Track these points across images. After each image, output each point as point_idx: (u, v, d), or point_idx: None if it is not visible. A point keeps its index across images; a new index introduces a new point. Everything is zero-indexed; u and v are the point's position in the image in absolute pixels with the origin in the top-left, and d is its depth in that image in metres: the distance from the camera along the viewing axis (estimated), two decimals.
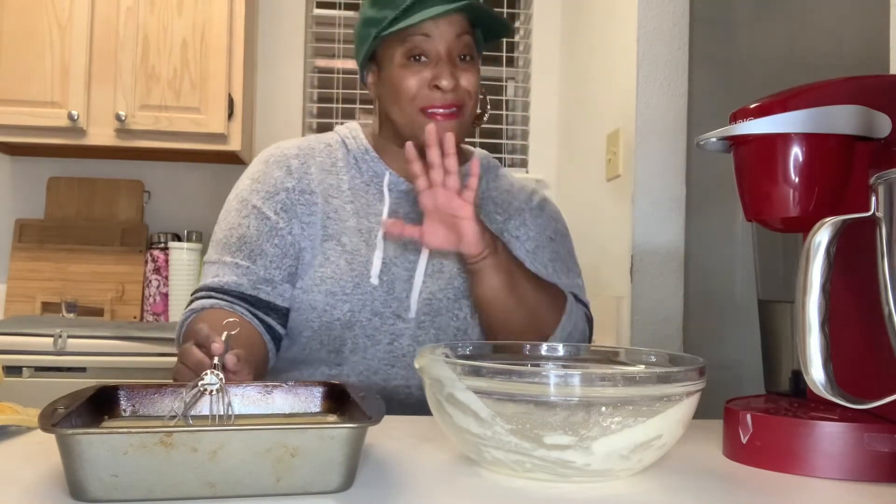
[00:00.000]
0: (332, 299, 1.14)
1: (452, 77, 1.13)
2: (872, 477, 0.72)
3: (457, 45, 1.15)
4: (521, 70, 3.02)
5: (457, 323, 1.16)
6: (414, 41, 1.14)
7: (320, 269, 1.15)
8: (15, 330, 2.11)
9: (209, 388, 0.75)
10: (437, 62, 1.14)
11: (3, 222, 2.71)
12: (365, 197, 1.21)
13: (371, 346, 1.14)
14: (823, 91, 0.78)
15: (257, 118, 2.81)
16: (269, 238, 1.16)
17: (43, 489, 0.63)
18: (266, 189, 1.19)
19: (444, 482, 0.69)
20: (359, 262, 1.15)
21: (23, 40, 2.37)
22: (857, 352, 0.77)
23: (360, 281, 1.14)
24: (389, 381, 1.15)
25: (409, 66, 1.14)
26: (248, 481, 0.61)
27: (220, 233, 1.19)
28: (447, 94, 1.13)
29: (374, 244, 1.16)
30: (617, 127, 2.18)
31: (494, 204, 1.27)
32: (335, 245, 1.17)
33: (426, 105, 1.14)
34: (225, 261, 1.16)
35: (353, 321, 1.14)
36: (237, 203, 1.20)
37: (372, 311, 1.14)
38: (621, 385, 0.66)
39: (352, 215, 1.19)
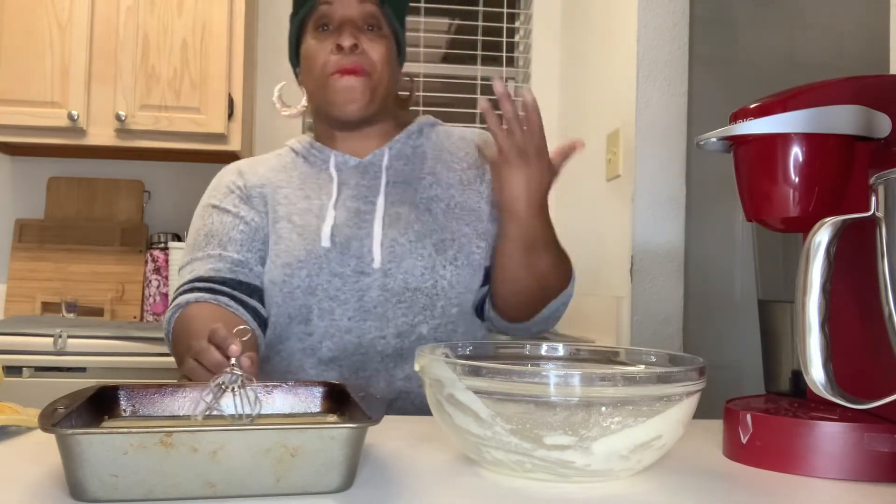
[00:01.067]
0: (288, 269, 1.16)
1: (352, 37, 1.18)
2: (872, 477, 0.72)
3: (360, 12, 1.21)
4: (521, 70, 3.02)
5: (423, 262, 1.17)
6: (320, 11, 1.21)
7: (274, 248, 1.19)
8: (15, 330, 2.11)
9: (233, 384, 0.76)
10: (340, 26, 1.20)
11: (3, 222, 2.71)
12: (315, 182, 1.25)
13: (338, 308, 1.16)
14: (823, 91, 0.78)
15: (257, 118, 2.81)
16: (234, 226, 1.21)
17: (43, 489, 0.63)
18: (221, 192, 1.26)
19: (444, 482, 0.69)
20: (309, 232, 1.19)
21: (23, 40, 2.37)
22: (857, 352, 0.77)
23: (312, 247, 1.17)
24: (364, 336, 1.16)
25: (316, 35, 1.22)
26: (248, 481, 0.61)
27: (189, 239, 1.26)
28: (350, 57, 1.19)
29: (325, 215, 1.20)
30: (617, 127, 2.18)
31: (450, 153, 1.29)
32: (286, 224, 1.20)
33: (331, 70, 1.20)
34: (197, 257, 1.21)
35: (313, 286, 1.16)
36: (199, 211, 1.27)
37: (330, 272, 1.16)
38: (621, 385, 0.66)
39: (301, 199, 1.23)
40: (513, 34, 3.02)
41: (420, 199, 1.23)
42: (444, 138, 1.32)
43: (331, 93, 1.21)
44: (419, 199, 1.23)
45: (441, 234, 1.20)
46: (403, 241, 1.18)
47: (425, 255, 1.18)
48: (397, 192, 1.23)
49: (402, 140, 1.28)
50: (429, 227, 1.20)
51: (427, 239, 1.19)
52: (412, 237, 1.19)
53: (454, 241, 1.20)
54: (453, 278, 1.19)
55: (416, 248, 1.18)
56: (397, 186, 1.24)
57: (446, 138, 1.32)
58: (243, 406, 0.76)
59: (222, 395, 0.77)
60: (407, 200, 1.23)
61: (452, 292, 1.19)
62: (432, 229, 1.20)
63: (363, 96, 1.20)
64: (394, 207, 1.21)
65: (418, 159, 1.28)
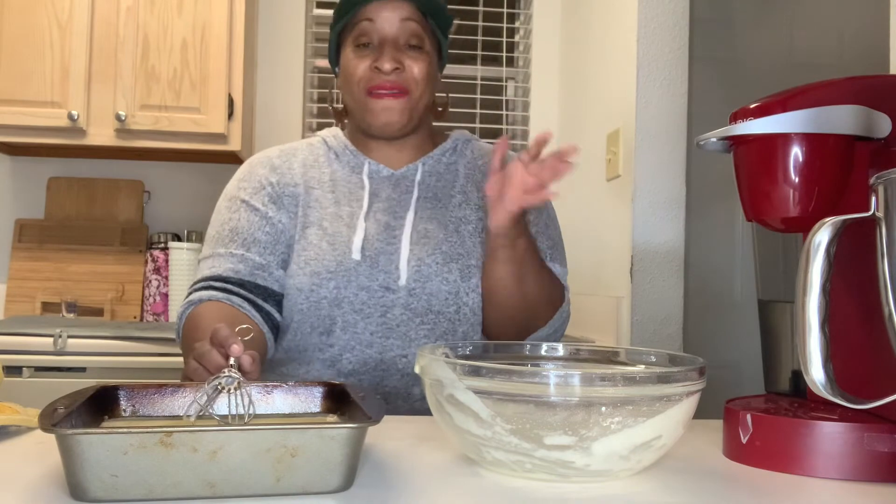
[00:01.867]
0: (316, 279, 1.15)
1: (393, 59, 1.17)
2: (872, 477, 0.72)
3: (402, 31, 1.19)
4: (521, 70, 3.02)
5: (447, 286, 1.17)
6: (361, 27, 1.20)
7: (303, 253, 1.18)
8: (15, 330, 2.11)
9: (228, 386, 0.76)
10: (381, 45, 1.19)
11: (3, 222, 2.71)
12: (346, 186, 1.24)
13: (361, 321, 1.15)
14: (823, 91, 0.78)
15: (257, 118, 2.81)
16: (261, 227, 1.20)
17: (43, 489, 0.63)
18: (252, 185, 1.24)
19: (445, 482, 0.69)
20: (340, 241, 1.18)
21: (23, 40, 2.37)
22: (857, 352, 0.77)
23: (342, 259, 1.16)
24: (385, 353, 1.15)
25: (356, 52, 1.21)
26: (248, 481, 0.61)
27: (212, 230, 1.24)
28: (389, 76, 1.18)
29: (355, 226, 1.19)
30: (617, 127, 2.18)
31: (482, 174, 1.28)
32: (316, 230, 1.19)
33: (370, 86, 1.19)
34: (219, 252, 1.19)
35: (339, 298, 1.15)
36: (226, 202, 1.25)
37: (358, 285, 1.16)
38: (621, 385, 0.66)
39: (332, 203, 1.22)
40: (513, 34, 3.02)
41: (450, 218, 1.22)
42: (477, 156, 1.31)
43: (369, 113, 1.20)
44: (448, 219, 1.22)
45: (468, 260, 1.19)
46: (430, 262, 1.18)
47: (451, 280, 1.17)
48: (427, 208, 1.23)
49: (436, 157, 1.28)
50: (456, 249, 1.20)
51: (454, 263, 1.18)
52: (439, 259, 1.18)
53: (478, 268, 1.20)
54: (476, 305, 1.19)
55: (443, 271, 1.18)
56: (427, 202, 1.24)
57: (480, 156, 1.32)
58: (237, 407, 0.76)
59: (217, 397, 0.77)
60: (436, 217, 1.22)
61: (475, 319, 1.19)
62: (459, 253, 1.19)
63: (402, 117, 1.20)
64: (423, 223, 1.21)
65: (450, 176, 1.27)
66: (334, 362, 1.15)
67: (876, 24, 1.30)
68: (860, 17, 1.46)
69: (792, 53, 1.76)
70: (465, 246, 1.20)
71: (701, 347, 1.98)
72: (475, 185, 1.27)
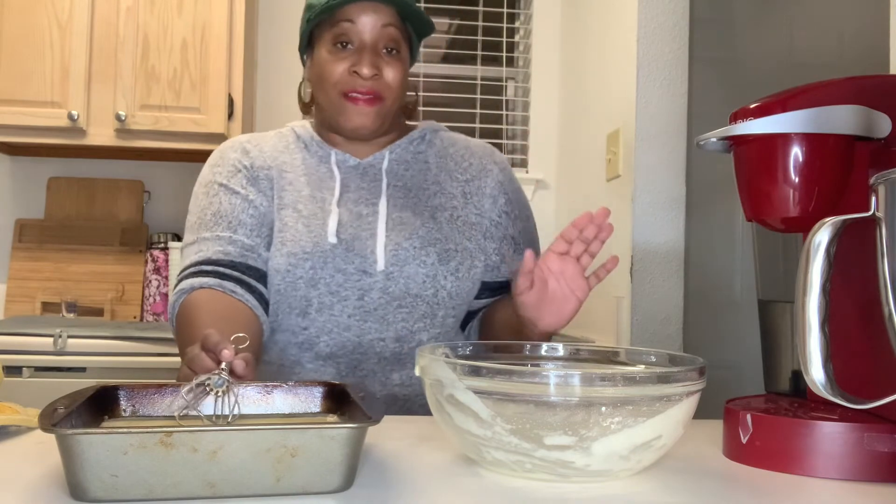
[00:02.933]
0: (293, 259, 1.15)
1: (373, 66, 1.17)
2: (872, 477, 0.72)
3: (382, 36, 1.18)
4: (521, 70, 3.02)
5: (425, 269, 1.17)
6: (341, 27, 1.18)
7: (279, 235, 1.18)
8: (15, 330, 2.11)
9: (217, 388, 0.75)
10: (361, 50, 1.18)
11: (3, 222, 2.71)
12: (317, 173, 1.24)
13: (338, 303, 1.15)
14: (823, 91, 0.78)
15: (257, 118, 2.81)
16: (244, 209, 1.20)
17: (43, 489, 0.63)
18: (227, 169, 1.24)
19: (444, 482, 0.69)
20: (316, 224, 1.18)
21: (23, 40, 2.37)
22: (857, 352, 0.77)
23: (318, 240, 1.16)
24: (363, 336, 1.15)
25: (334, 52, 1.19)
26: (248, 481, 0.61)
27: (192, 217, 1.23)
28: (367, 82, 1.17)
29: (329, 210, 1.19)
30: (617, 127, 2.18)
31: (455, 162, 1.29)
32: (291, 212, 1.19)
33: (346, 89, 1.18)
34: (205, 237, 1.18)
35: (315, 278, 1.15)
36: (203, 188, 1.25)
37: (334, 267, 1.15)
38: (621, 385, 0.66)
39: (305, 185, 1.22)
40: (513, 34, 3.02)
41: (425, 207, 1.22)
42: (448, 146, 1.31)
43: (342, 116, 1.20)
44: (424, 207, 1.22)
45: (445, 244, 1.20)
46: (407, 245, 1.18)
47: (428, 263, 1.17)
48: (400, 197, 1.22)
49: (403, 145, 1.27)
50: (433, 234, 1.20)
51: (431, 247, 1.19)
52: (416, 243, 1.18)
53: (457, 252, 1.20)
54: (454, 289, 1.19)
55: (420, 254, 1.18)
56: (399, 191, 1.23)
57: (451, 145, 1.31)
58: (222, 408, 0.76)
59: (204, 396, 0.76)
60: (410, 206, 1.22)
61: (451, 303, 1.19)
62: (437, 238, 1.20)
63: (374, 122, 1.20)
64: (397, 212, 1.21)
65: (421, 166, 1.27)
66: (312, 345, 1.16)
67: (876, 24, 1.30)
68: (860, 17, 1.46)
69: (792, 53, 1.76)
70: (443, 231, 1.21)
71: (701, 347, 1.98)
72: (448, 173, 1.27)
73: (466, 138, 1.35)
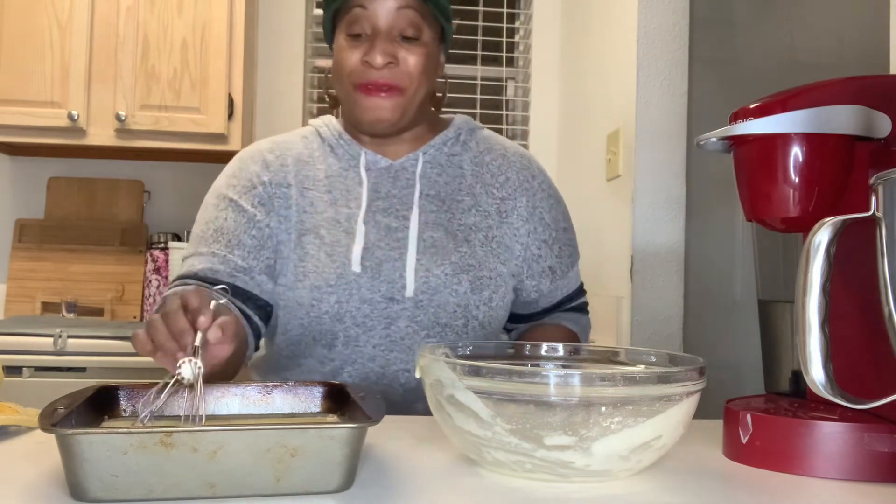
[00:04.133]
0: (317, 293, 1.10)
1: (385, 53, 1.09)
2: (872, 477, 0.72)
3: (397, 21, 1.10)
4: (521, 70, 3.02)
5: (456, 299, 1.11)
6: (353, 13, 1.11)
7: (301, 265, 1.12)
8: (15, 330, 2.11)
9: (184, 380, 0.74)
10: (374, 37, 1.10)
11: (3, 222, 2.71)
12: (344, 183, 1.17)
13: (364, 334, 1.11)
14: (823, 91, 0.78)
15: (257, 118, 2.81)
16: (247, 230, 1.14)
17: (43, 489, 0.63)
18: (242, 184, 1.17)
19: (444, 482, 0.69)
20: (339, 252, 1.11)
21: (23, 40, 2.37)
22: (857, 352, 0.77)
23: (342, 271, 1.10)
24: (388, 367, 1.11)
25: (348, 41, 1.12)
26: (248, 481, 0.61)
27: (197, 228, 1.18)
28: (381, 72, 1.09)
29: (354, 231, 1.12)
30: (617, 127, 2.18)
31: (491, 174, 1.21)
32: (313, 238, 1.13)
33: (360, 81, 1.11)
34: (201, 251, 1.14)
35: (341, 312, 1.10)
36: (214, 199, 1.18)
37: (360, 298, 1.10)
38: (621, 385, 0.66)
39: (328, 206, 1.15)
40: (513, 34, 3.02)
41: (458, 226, 1.15)
42: (484, 151, 1.23)
43: (357, 109, 1.13)
44: (457, 227, 1.15)
45: (479, 271, 1.13)
46: (439, 272, 1.11)
47: (460, 293, 1.12)
48: (432, 209, 1.16)
49: (437, 146, 1.20)
50: (466, 260, 1.13)
51: (464, 274, 1.12)
52: (448, 270, 1.12)
53: (491, 279, 1.14)
54: (485, 319, 1.14)
55: (452, 282, 1.11)
56: (432, 202, 1.16)
57: (487, 151, 1.23)
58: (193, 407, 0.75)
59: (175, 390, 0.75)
60: (443, 223, 1.15)
61: (482, 332, 1.14)
62: (470, 264, 1.13)
63: (393, 115, 1.12)
64: (429, 231, 1.14)
65: (455, 172, 1.20)
66: (335, 375, 1.12)
67: (876, 24, 1.30)
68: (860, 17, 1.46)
69: (792, 53, 1.76)
70: (477, 256, 1.14)
71: (701, 347, 1.98)
72: (484, 186, 1.20)
73: (503, 143, 1.27)
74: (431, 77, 1.16)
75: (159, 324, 0.80)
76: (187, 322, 0.79)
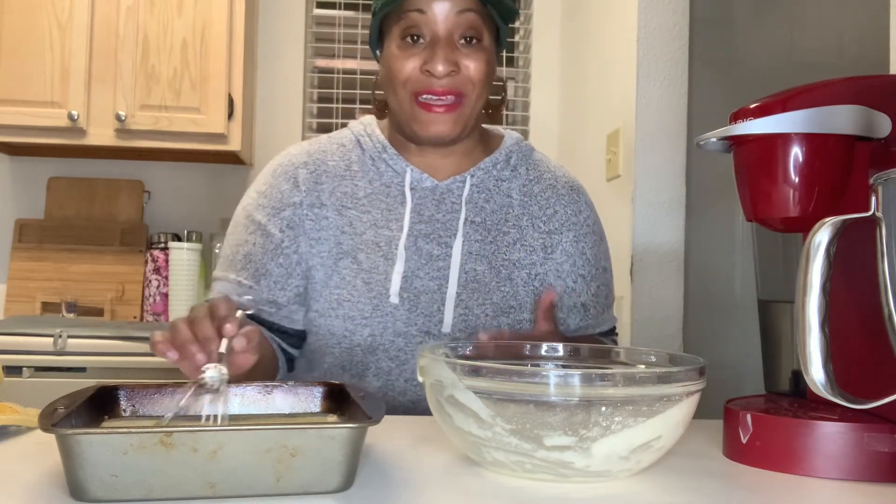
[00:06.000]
0: (350, 324, 1.06)
1: (447, 61, 1.03)
2: (872, 477, 0.72)
3: (458, 24, 1.04)
4: (521, 70, 3.02)
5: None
6: (409, 18, 1.04)
7: (336, 291, 1.08)
8: (15, 330, 2.11)
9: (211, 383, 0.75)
10: (433, 44, 1.04)
11: (3, 222, 2.71)
12: (385, 201, 1.12)
13: (396, 368, 1.07)
14: (823, 91, 0.78)
15: (257, 118, 2.81)
16: (274, 257, 1.10)
17: (43, 489, 0.63)
18: (272, 205, 1.12)
19: (445, 482, 0.69)
20: (377, 280, 1.07)
21: (23, 40, 2.37)
22: (857, 352, 0.77)
23: (378, 302, 1.06)
24: (419, 403, 1.08)
25: (403, 47, 1.06)
26: (248, 481, 0.61)
27: (228, 248, 1.14)
28: (442, 80, 1.04)
29: (394, 256, 1.08)
30: (617, 127, 2.18)
31: (539, 207, 1.17)
32: (350, 263, 1.09)
33: (419, 90, 1.05)
34: (229, 278, 1.11)
35: (374, 345, 1.07)
36: (244, 218, 1.14)
37: (395, 332, 1.07)
38: (621, 385, 0.66)
39: (369, 227, 1.10)
40: (513, 34, 3.02)
41: (502, 260, 1.11)
42: (534, 180, 1.18)
43: (416, 123, 1.07)
44: (501, 262, 1.11)
45: (518, 314, 1.10)
46: (479, 312, 1.08)
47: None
48: (477, 238, 1.11)
49: (487, 168, 1.15)
50: (508, 301, 1.10)
51: (504, 317, 1.09)
52: (489, 311, 1.08)
53: (530, 322, 1.10)
54: None
55: (492, 324, 1.08)
56: (476, 229, 1.12)
57: (536, 181, 1.18)
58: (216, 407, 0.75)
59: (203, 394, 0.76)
60: (486, 255, 1.11)
61: None
62: (511, 306, 1.10)
63: (454, 129, 1.07)
64: (471, 262, 1.10)
65: (503, 201, 1.15)
66: None
67: (876, 24, 1.30)
68: (860, 17, 1.46)
69: (792, 53, 1.76)
70: (518, 297, 1.11)
71: (701, 347, 1.98)
72: (531, 219, 1.15)
73: (554, 172, 1.22)
74: (490, 83, 1.11)
75: (185, 329, 0.79)
76: (213, 329, 0.78)
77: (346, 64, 2.87)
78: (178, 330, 0.80)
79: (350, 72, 2.86)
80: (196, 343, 0.78)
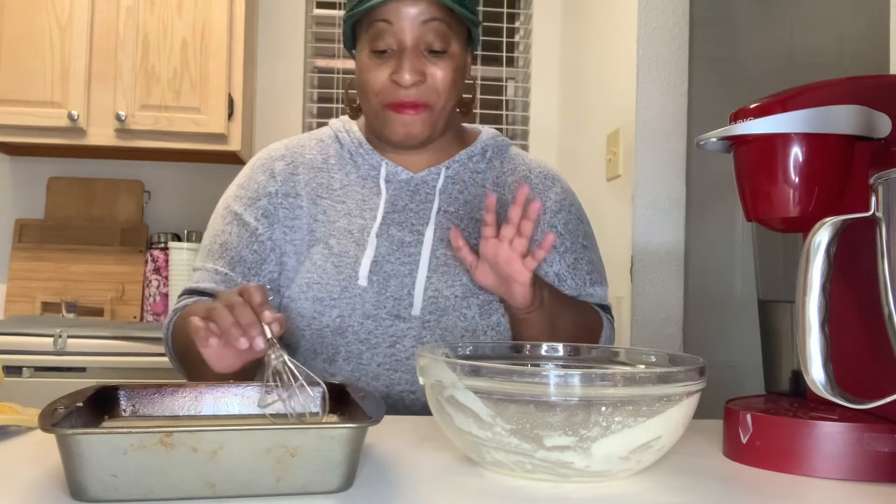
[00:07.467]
0: (319, 305, 1.08)
1: (414, 71, 1.05)
2: (872, 477, 0.72)
3: (424, 35, 1.06)
4: (521, 70, 3.02)
5: (464, 323, 1.09)
6: (376, 28, 1.06)
7: (307, 275, 1.10)
8: (15, 330, 2.11)
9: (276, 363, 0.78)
10: (400, 53, 1.06)
11: (3, 222, 2.71)
12: (360, 192, 1.15)
13: (367, 351, 1.08)
14: (823, 91, 0.78)
15: (257, 118, 2.81)
16: (248, 245, 1.13)
17: (43, 489, 0.63)
18: (248, 195, 1.16)
19: (445, 482, 0.69)
20: (346, 263, 1.10)
21: (23, 40, 2.37)
22: (857, 352, 0.77)
23: (347, 284, 1.08)
24: (393, 387, 1.09)
25: (372, 57, 1.08)
26: (248, 481, 0.61)
27: (206, 239, 1.18)
28: (409, 90, 1.06)
29: (365, 243, 1.10)
30: (617, 127, 2.18)
31: (512, 195, 1.18)
32: (322, 249, 1.11)
33: (387, 101, 1.08)
34: (207, 267, 1.15)
35: (343, 326, 1.08)
36: (223, 210, 1.18)
37: (363, 313, 1.08)
38: (621, 385, 0.66)
39: (342, 216, 1.13)
40: (513, 34, 3.02)
41: (473, 245, 1.10)
42: (508, 173, 1.20)
43: (387, 127, 1.10)
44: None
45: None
46: (448, 294, 1.09)
47: (469, 317, 1.09)
48: (449, 227, 1.13)
49: (462, 161, 1.17)
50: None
51: (473, 298, 1.10)
52: (458, 292, 1.09)
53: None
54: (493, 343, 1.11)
55: (461, 305, 1.09)
56: (449, 219, 1.14)
57: (511, 173, 1.20)
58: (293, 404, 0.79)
59: (279, 381, 0.79)
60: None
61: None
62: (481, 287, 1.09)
63: (423, 130, 1.10)
64: (443, 248, 1.11)
65: (477, 191, 1.17)
66: None
67: (876, 24, 1.30)
68: (860, 17, 1.46)
69: (792, 53, 1.76)
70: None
71: (701, 347, 1.98)
72: (504, 207, 1.16)
73: (528, 164, 1.24)
74: (460, 87, 1.13)
75: (227, 314, 0.82)
76: (253, 315, 0.82)
77: (346, 64, 2.87)
78: (221, 316, 0.82)
79: (350, 72, 2.86)
80: (239, 327, 0.81)
